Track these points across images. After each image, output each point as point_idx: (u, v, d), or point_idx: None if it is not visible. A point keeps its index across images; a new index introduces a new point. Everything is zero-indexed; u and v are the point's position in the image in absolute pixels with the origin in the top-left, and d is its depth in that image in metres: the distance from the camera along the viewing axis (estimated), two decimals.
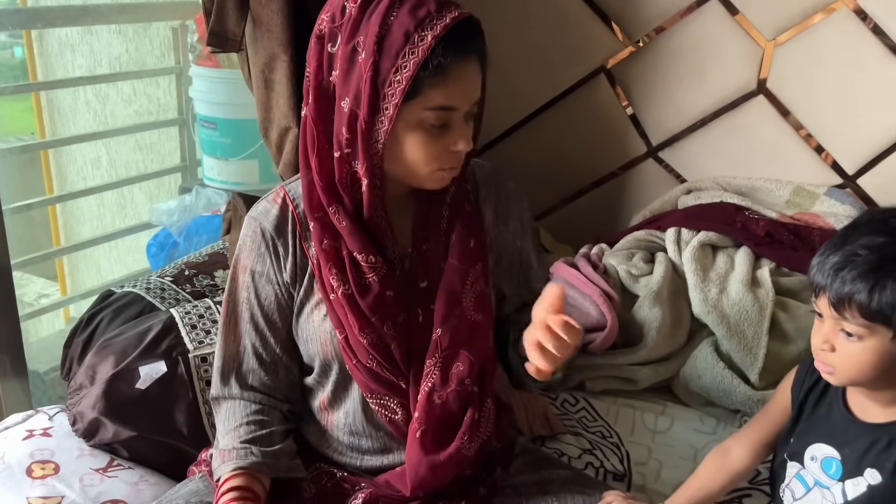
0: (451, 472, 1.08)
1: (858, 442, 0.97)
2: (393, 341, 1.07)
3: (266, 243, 1.09)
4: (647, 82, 2.18)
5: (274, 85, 1.57)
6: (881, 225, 0.91)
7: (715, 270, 1.78)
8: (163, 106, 2.87)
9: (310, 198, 1.06)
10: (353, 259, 1.06)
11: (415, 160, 1.01)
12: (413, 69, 0.94)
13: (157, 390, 1.32)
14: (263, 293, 1.11)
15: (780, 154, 2.10)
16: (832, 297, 0.90)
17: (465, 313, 1.09)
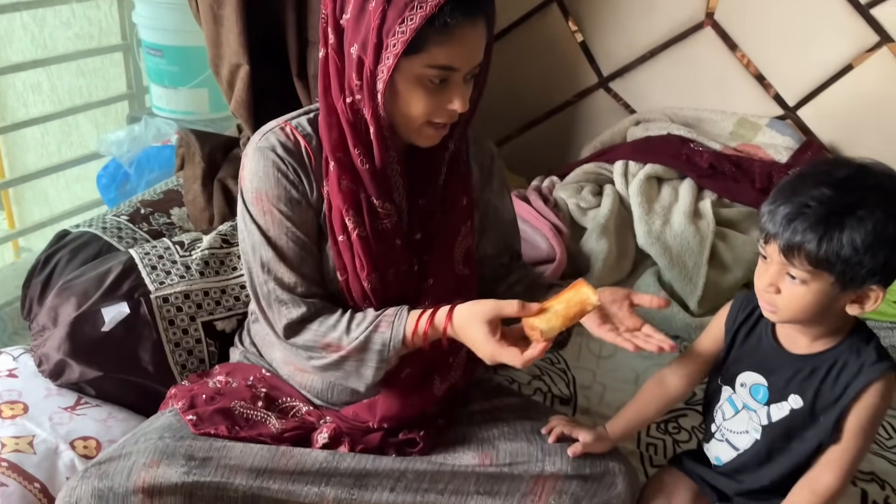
0: (420, 407, 1.16)
1: (784, 370, 1.06)
2: (394, 288, 1.11)
3: (290, 171, 1.08)
4: (598, 13, 2.19)
5: (223, 21, 1.54)
6: (827, 177, 0.95)
7: (660, 203, 1.86)
8: (104, 30, 2.76)
9: (331, 136, 1.06)
10: (371, 204, 1.08)
11: (410, 113, 1.03)
12: (419, 22, 0.95)
13: (121, 331, 1.34)
14: (306, 218, 1.10)
15: (726, 85, 2.16)
16: (782, 245, 0.95)
17: (455, 267, 1.15)
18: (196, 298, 1.41)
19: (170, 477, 1.03)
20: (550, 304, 1.01)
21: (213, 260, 1.46)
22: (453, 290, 1.14)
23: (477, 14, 0.99)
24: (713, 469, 1.17)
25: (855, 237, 0.92)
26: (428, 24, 0.95)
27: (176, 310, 1.39)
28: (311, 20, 1.62)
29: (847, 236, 0.92)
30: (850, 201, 0.93)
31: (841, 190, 0.93)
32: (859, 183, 0.94)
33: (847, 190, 0.93)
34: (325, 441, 1.14)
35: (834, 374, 1.02)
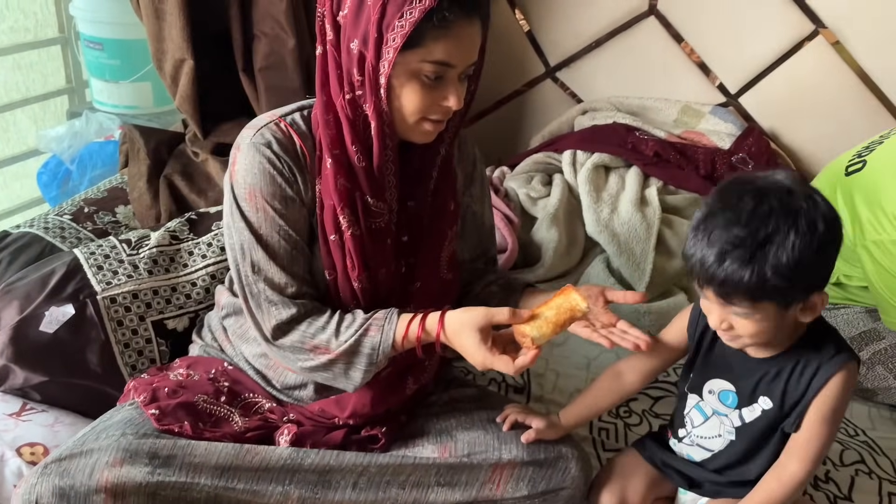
0: (389, 405, 1.17)
1: (751, 375, 1.08)
2: (383, 288, 1.12)
3: (286, 169, 1.07)
4: (544, 3, 2.21)
5: (165, 15, 1.52)
6: (734, 215, 0.95)
7: (607, 191, 1.89)
8: (41, 22, 2.67)
9: (329, 133, 1.05)
10: (366, 202, 1.08)
11: (406, 109, 1.03)
12: (418, 16, 0.96)
13: (67, 334, 1.31)
14: (299, 217, 1.09)
15: (670, 74, 2.20)
16: (716, 291, 0.97)
17: (440, 271, 1.16)
18: (145, 297, 1.38)
19: (134, 477, 1.02)
20: (540, 311, 1.03)
21: (162, 258, 1.44)
22: (437, 294, 1.16)
23: (474, 12, 1.00)
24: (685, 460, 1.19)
25: (779, 266, 0.93)
26: (426, 19, 0.96)
27: (124, 310, 1.36)
28: (256, 14, 1.61)
29: (771, 268, 0.93)
30: (764, 234, 0.94)
31: (751, 225, 0.94)
32: (765, 211, 0.94)
33: (757, 223, 0.94)
34: (287, 445, 1.14)
35: (798, 372, 1.05)
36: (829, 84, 2.06)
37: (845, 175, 1.56)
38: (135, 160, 1.74)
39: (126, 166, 1.79)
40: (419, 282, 1.15)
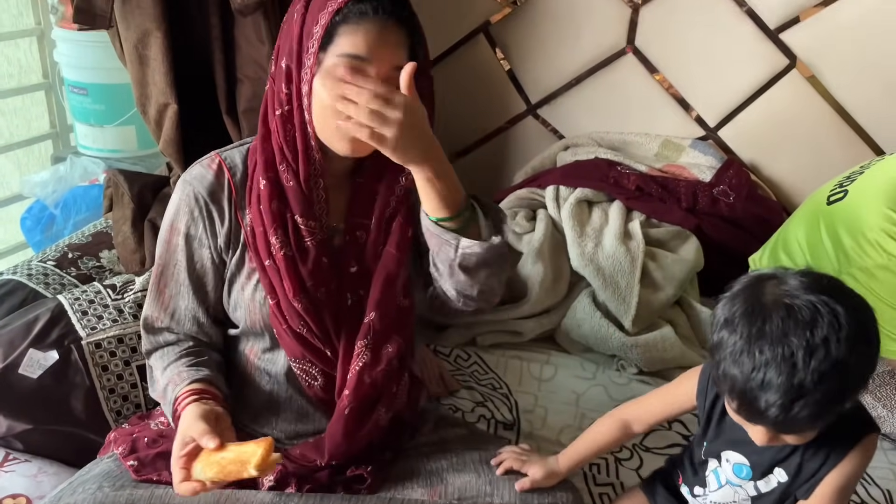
0: (366, 439, 1.15)
1: (765, 451, 1.05)
2: (325, 308, 1.12)
3: (200, 208, 1.12)
4: (524, 42, 2.25)
5: (149, 61, 1.53)
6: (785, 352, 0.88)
7: (591, 225, 1.90)
8: (24, 68, 2.69)
9: (265, 157, 1.10)
10: (296, 222, 1.11)
11: (325, 109, 1.03)
12: (328, 18, 1.01)
13: (51, 380, 1.30)
14: (197, 256, 1.14)
15: (650, 109, 2.23)
16: (776, 428, 0.94)
17: (397, 298, 1.15)
18: (130, 342, 1.38)
19: None
20: (228, 448, 0.99)
21: None
22: (395, 321, 1.15)
23: (388, 12, 1.03)
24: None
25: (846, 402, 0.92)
26: (338, 18, 1.02)
27: (109, 355, 1.35)
28: (239, 59, 1.62)
29: (838, 407, 0.91)
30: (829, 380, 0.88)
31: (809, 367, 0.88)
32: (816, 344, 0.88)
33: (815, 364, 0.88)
34: (272, 484, 1.12)
35: (814, 445, 1.02)
36: (806, 116, 2.10)
37: (827, 205, 1.59)
38: (119, 204, 1.74)
39: (110, 210, 1.79)
40: (374, 312, 1.13)
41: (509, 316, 1.77)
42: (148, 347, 1.19)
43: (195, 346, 1.17)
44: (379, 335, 1.12)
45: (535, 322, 1.78)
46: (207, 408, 1.05)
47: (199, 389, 1.09)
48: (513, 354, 1.74)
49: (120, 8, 1.48)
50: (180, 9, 1.54)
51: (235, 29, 1.60)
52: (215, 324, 1.19)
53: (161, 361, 1.16)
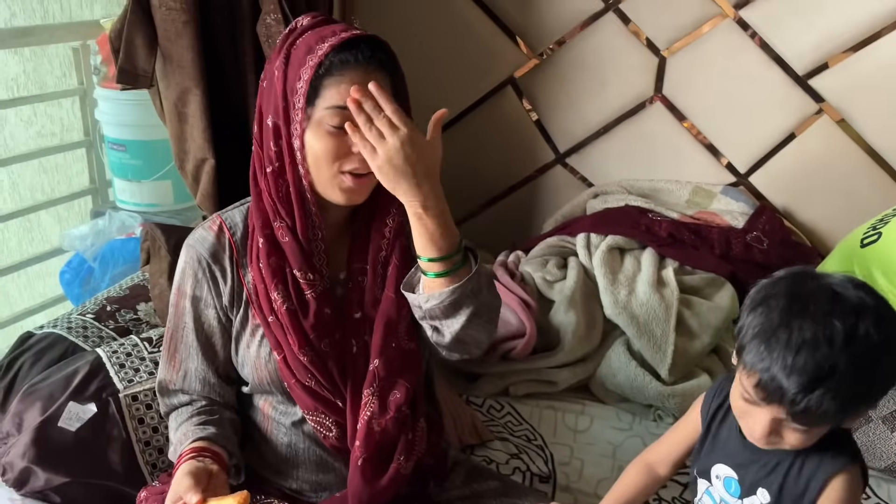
0: (392, 490, 1.14)
1: (751, 464, 1.03)
2: (330, 359, 1.13)
3: (203, 270, 1.15)
4: (551, 92, 2.28)
5: (188, 118, 1.57)
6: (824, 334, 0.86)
7: (623, 273, 1.89)
8: (67, 127, 2.78)
9: (260, 217, 1.13)
10: (295, 276, 1.12)
11: (318, 161, 1.07)
12: (310, 73, 1.04)
13: (89, 433, 1.31)
14: (204, 317, 1.17)
15: (679, 156, 2.23)
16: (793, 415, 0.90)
17: (401, 343, 1.15)
18: None
19: None
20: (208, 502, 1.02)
21: None
22: (400, 366, 1.14)
23: (371, 60, 1.06)
24: None
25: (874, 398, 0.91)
26: (322, 70, 1.04)
27: (145, 407, 1.37)
28: None
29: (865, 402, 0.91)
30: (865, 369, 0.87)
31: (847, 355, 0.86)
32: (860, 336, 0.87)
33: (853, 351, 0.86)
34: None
35: (797, 467, 0.99)
36: (838, 161, 2.08)
37: (861, 247, 1.58)
38: (156, 257, 1.77)
39: (147, 263, 1.82)
40: (377, 360, 1.13)
41: (543, 365, 1.76)
42: (164, 410, 1.22)
43: (207, 405, 1.19)
44: (384, 381, 1.13)
45: (569, 371, 1.76)
46: (201, 465, 1.07)
47: (199, 447, 1.11)
48: (547, 405, 1.72)
49: (161, 68, 1.53)
50: (218, 67, 1.59)
51: None
52: (227, 382, 1.21)
53: (175, 422, 1.19)
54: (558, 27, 2.21)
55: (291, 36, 1.10)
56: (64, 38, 2.44)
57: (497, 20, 2.24)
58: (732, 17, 2.06)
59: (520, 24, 2.24)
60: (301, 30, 1.09)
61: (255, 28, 1.58)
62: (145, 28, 1.49)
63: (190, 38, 1.48)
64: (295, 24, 1.12)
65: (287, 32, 1.11)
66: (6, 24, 2.71)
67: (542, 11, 2.20)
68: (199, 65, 1.50)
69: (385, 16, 2.27)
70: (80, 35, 2.38)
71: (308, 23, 1.10)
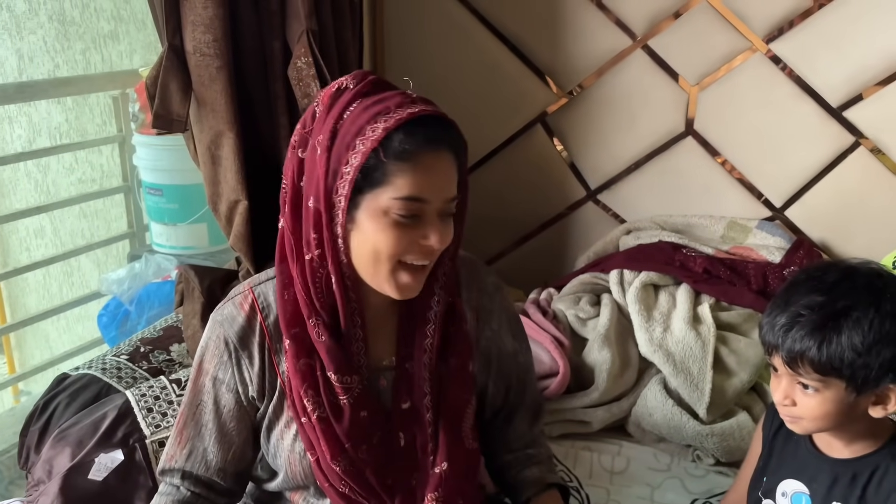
0: None
1: (824, 476, 1.03)
2: (367, 467, 1.03)
3: (229, 353, 1.04)
4: (581, 130, 2.28)
5: (221, 160, 1.60)
6: (817, 283, 0.97)
7: (658, 309, 1.86)
8: (106, 173, 2.86)
9: (286, 311, 1.00)
10: (328, 380, 1.01)
11: (378, 252, 0.95)
12: (362, 159, 0.91)
13: (115, 480, 1.31)
14: (223, 401, 1.06)
15: (712, 191, 2.21)
16: (785, 356, 0.97)
17: (465, 443, 1.07)
18: None
19: None
20: None
21: None
22: (464, 469, 1.06)
23: (438, 143, 0.95)
24: None
25: (854, 338, 0.92)
26: (386, 156, 0.91)
27: None
28: None
29: (846, 339, 0.92)
30: (844, 304, 0.94)
31: (832, 294, 0.95)
32: (849, 285, 0.96)
33: (839, 294, 0.95)
34: None
35: (876, 480, 0.99)
36: (877, 192, 2.04)
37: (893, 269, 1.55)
38: (189, 299, 1.79)
39: (181, 305, 1.84)
40: (444, 463, 1.04)
41: (577, 405, 1.72)
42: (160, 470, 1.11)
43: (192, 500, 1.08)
44: (451, 486, 1.04)
45: (604, 411, 1.72)
46: None
47: None
48: (582, 445, 1.68)
49: (195, 112, 1.57)
50: (251, 111, 1.62)
51: None
52: (236, 474, 1.09)
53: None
54: (587, 65, 2.22)
55: (337, 104, 0.95)
56: (104, 88, 2.52)
57: (526, 60, 2.26)
58: (763, 52, 2.05)
59: (548, 63, 2.25)
60: (349, 98, 0.95)
61: (287, 71, 1.61)
62: (180, 74, 1.52)
63: (223, 83, 1.51)
64: (340, 84, 0.97)
65: (332, 95, 0.96)
66: (50, 75, 2.81)
67: (570, 50, 2.22)
68: (231, 108, 1.53)
69: (415, 57, 2.31)
70: (120, 84, 2.46)
71: (357, 88, 0.95)
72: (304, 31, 1.56)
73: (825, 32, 1.98)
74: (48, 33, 2.81)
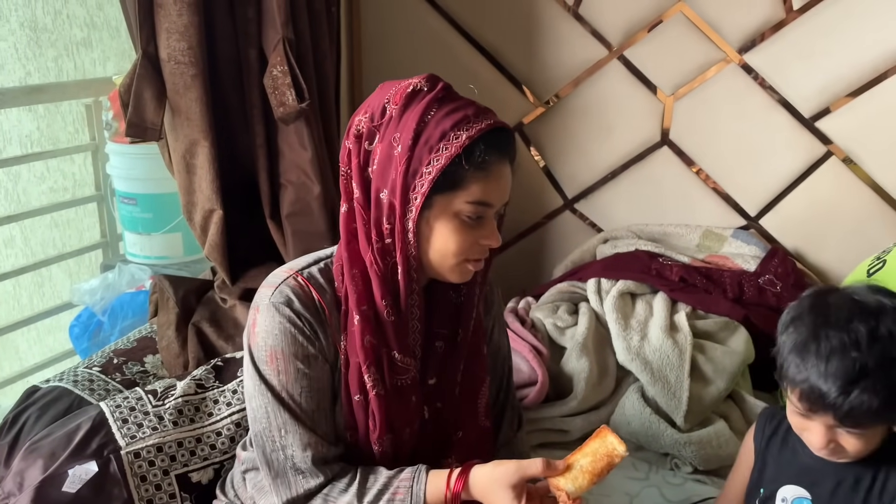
0: None
1: (826, 480, 1.03)
2: (402, 448, 1.09)
3: (307, 327, 1.06)
4: (558, 140, 2.29)
5: (196, 169, 1.58)
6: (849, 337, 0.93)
7: (635, 318, 1.87)
8: (78, 182, 2.82)
9: (356, 288, 1.05)
10: (392, 359, 1.06)
11: (447, 250, 1.03)
12: (444, 162, 0.99)
13: (89, 492, 1.27)
14: (323, 375, 1.08)
15: (688, 200, 2.23)
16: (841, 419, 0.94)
17: (479, 419, 1.15)
18: (169, 451, 1.36)
19: None
20: (575, 459, 0.98)
21: (188, 407, 1.42)
22: (477, 444, 1.13)
23: (507, 153, 1.05)
24: None
25: None
26: (467, 163, 0.99)
27: (148, 464, 1.33)
28: (282, 164, 1.68)
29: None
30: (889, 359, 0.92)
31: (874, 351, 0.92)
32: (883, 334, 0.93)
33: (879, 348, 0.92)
34: None
35: (879, 483, 1.00)
36: (849, 201, 2.07)
37: (867, 277, 1.57)
38: (164, 309, 1.76)
39: (155, 315, 1.81)
40: (461, 431, 1.11)
41: (556, 413, 1.72)
42: (313, 485, 1.06)
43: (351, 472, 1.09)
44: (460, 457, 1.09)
45: (582, 420, 1.72)
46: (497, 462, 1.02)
47: (457, 470, 1.03)
48: (561, 454, 1.64)
49: (169, 121, 1.55)
50: (226, 119, 1.61)
51: (278, 136, 1.66)
52: None
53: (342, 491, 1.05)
54: (563, 75, 2.23)
55: (416, 105, 1.01)
56: (77, 95, 2.48)
57: (502, 69, 2.27)
58: (737, 63, 2.07)
59: (525, 72, 2.26)
60: (428, 101, 1.01)
61: (263, 80, 1.60)
62: (154, 82, 1.51)
63: (198, 91, 1.50)
64: (414, 86, 1.03)
65: (407, 95, 1.02)
66: (21, 82, 2.76)
67: (546, 60, 2.23)
68: (207, 117, 1.52)
69: (392, 66, 2.31)
70: (93, 92, 2.42)
71: (434, 93, 1.02)
72: (280, 40, 1.55)
73: (797, 44, 2.01)
74: (20, 40, 2.76)
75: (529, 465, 0.99)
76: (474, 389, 1.15)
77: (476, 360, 1.16)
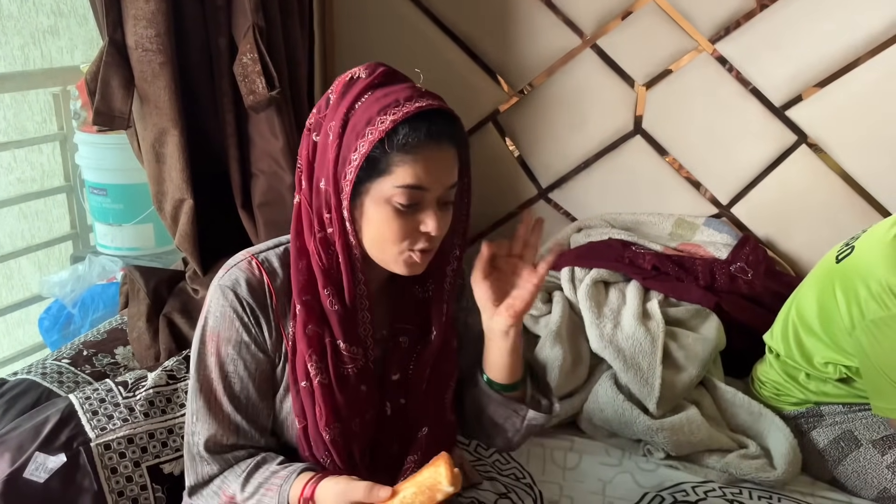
0: None
1: None
2: (355, 441, 1.07)
3: (247, 313, 1.06)
4: (532, 129, 2.29)
5: (165, 158, 1.56)
6: None
7: (608, 306, 1.88)
8: (47, 172, 2.77)
9: (299, 279, 1.04)
10: (336, 348, 1.05)
11: (384, 238, 1.01)
12: (368, 147, 0.96)
13: (58, 484, 1.26)
14: (253, 362, 1.07)
15: (661, 189, 2.24)
16: None
17: (446, 414, 1.14)
18: (140, 442, 1.35)
19: None
20: (404, 487, 0.94)
21: (159, 398, 1.41)
22: (443, 439, 1.12)
23: (440, 136, 0.99)
24: None
25: None
26: (388, 146, 0.96)
27: (119, 456, 1.32)
28: (254, 153, 1.66)
29: None
30: None
31: None
32: None
33: None
34: None
35: None
36: (818, 189, 2.09)
37: (836, 263, 1.59)
38: (135, 300, 1.74)
39: (126, 307, 1.79)
40: (426, 427, 1.10)
41: None
42: (214, 470, 1.08)
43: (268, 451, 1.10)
44: (426, 453, 1.08)
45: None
46: (342, 478, 1.00)
47: (316, 476, 1.02)
48: (535, 442, 1.68)
49: (138, 109, 1.53)
50: (196, 108, 1.59)
51: (249, 125, 1.64)
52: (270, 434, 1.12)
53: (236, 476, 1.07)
54: (537, 64, 2.23)
55: (350, 93, 1.00)
56: (44, 84, 2.44)
57: (476, 58, 2.26)
58: (710, 52, 2.08)
59: (499, 61, 2.26)
60: (361, 88, 1.00)
61: (232, 68, 1.58)
62: (121, 69, 1.48)
63: (166, 79, 1.47)
64: (353, 74, 1.02)
65: (345, 84, 1.01)
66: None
67: (520, 49, 2.22)
68: (176, 105, 1.49)
69: (365, 55, 2.28)
70: (61, 81, 2.38)
71: (370, 79, 1.00)
72: (250, 27, 1.53)
73: (767, 34, 2.03)
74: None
75: (354, 488, 0.96)
76: (442, 386, 1.13)
77: (445, 357, 1.14)
